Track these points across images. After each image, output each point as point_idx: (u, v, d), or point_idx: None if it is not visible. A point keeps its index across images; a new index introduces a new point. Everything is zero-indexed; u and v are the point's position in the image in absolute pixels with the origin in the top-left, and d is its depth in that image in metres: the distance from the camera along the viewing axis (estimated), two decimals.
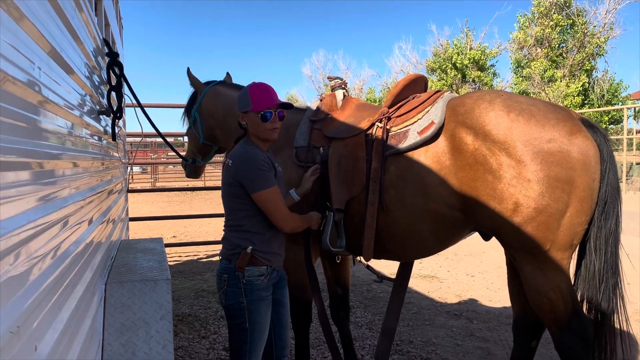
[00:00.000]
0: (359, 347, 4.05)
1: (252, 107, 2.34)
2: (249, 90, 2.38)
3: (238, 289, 2.30)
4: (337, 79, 3.27)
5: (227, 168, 2.35)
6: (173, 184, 23.66)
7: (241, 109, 2.39)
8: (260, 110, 2.32)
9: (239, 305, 2.30)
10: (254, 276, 2.31)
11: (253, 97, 2.35)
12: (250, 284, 2.30)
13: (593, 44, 25.17)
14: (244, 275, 2.29)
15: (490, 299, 5.45)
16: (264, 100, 2.34)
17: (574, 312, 2.39)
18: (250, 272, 2.30)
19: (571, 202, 2.27)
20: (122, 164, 4.89)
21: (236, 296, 2.30)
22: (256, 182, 2.26)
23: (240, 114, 2.40)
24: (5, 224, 1.15)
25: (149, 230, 10.00)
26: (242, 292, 2.29)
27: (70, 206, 1.94)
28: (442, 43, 32.92)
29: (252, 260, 2.30)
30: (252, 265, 2.31)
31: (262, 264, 2.34)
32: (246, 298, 2.29)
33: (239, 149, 2.37)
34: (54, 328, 1.51)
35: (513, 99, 2.47)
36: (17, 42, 1.31)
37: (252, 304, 2.30)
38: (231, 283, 2.31)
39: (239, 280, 2.30)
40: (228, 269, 2.33)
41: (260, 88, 2.40)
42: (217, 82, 3.57)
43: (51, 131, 1.73)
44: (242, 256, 2.29)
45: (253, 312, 2.30)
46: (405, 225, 2.61)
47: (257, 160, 2.28)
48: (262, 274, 2.33)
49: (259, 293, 2.32)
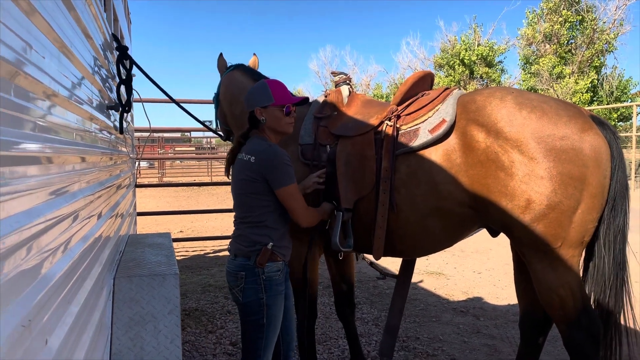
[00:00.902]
0: (365, 343, 4.06)
1: (275, 101, 2.38)
2: (269, 85, 2.42)
3: (258, 285, 2.31)
4: (342, 74, 3.24)
5: (248, 164, 2.32)
6: (180, 179, 23.76)
7: (261, 103, 2.39)
8: (284, 104, 2.39)
9: (259, 302, 2.31)
10: (273, 272, 2.34)
11: (275, 91, 2.40)
12: (270, 280, 2.32)
13: (602, 40, 24.96)
14: (264, 272, 2.31)
15: (497, 296, 5.43)
16: (285, 95, 2.42)
17: (583, 309, 2.38)
18: (269, 268, 2.32)
19: (583, 199, 2.26)
20: (130, 159, 4.91)
21: (256, 292, 2.31)
22: (283, 178, 2.29)
23: (259, 109, 2.40)
24: (16, 218, 1.15)
25: (156, 225, 10.04)
26: (262, 289, 2.31)
27: (80, 200, 1.95)
28: (450, 39, 32.75)
29: (271, 256, 2.33)
30: (270, 261, 2.33)
31: (279, 260, 2.37)
32: (266, 294, 2.31)
33: (258, 146, 2.36)
34: (63, 322, 1.52)
35: (524, 96, 2.45)
36: (28, 36, 1.31)
37: (271, 299, 2.33)
38: (250, 280, 2.31)
39: (258, 277, 2.31)
40: (246, 266, 2.32)
41: (279, 84, 2.48)
42: (235, 67, 3.58)
43: (61, 126, 1.74)
44: (263, 253, 2.30)
45: (271, 307, 2.33)
46: (415, 223, 2.60)
47: (284, 155, 2.32)
48: (279, 269, 2.37)
49: (277, 288, 2.35)
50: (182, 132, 22.72)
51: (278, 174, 2.28)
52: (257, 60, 3.79)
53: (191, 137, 35.65)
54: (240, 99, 3.28)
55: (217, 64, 3.74)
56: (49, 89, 1.55)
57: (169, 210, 8.40)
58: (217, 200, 14.82)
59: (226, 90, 3.50)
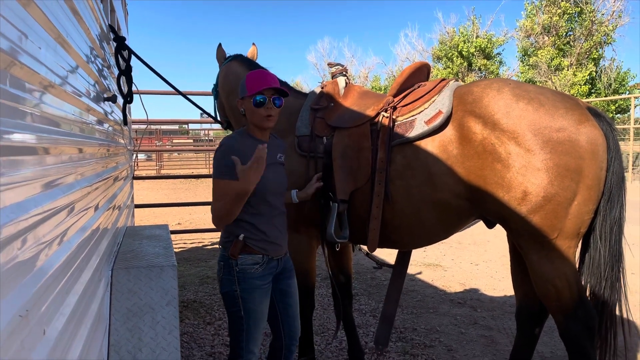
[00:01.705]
0: (362, 334, 4.08)
1: (247, 92, 2.30)
2: (247, 76, 2.35)
3: (232, 276, 2.29)
4: (338, 66, 3.24)
5: None
6: (178, 171, 23.74)
7: (240, 94, 2.36)
8: (253, 94, 2.28)
9: (233, 294, 2.30)
10: (247, 264, 2.29)
11: (249, 82, 2.31)
12: (243, 272, 2.28)
13: (601, 32, 24.92)
14: (237, 264, 2.28)
15: (494, 288, 5.46)
16: (258, 84, 2.28)
17: (580, 300, 2.40)
18: (243, 260, 2.28)
19: (579, 190, 2.27)
20: (127, 151, 4.90)
21: (230, 284, 2.30)
22: (215, 170, 2.23)
23: (239, 100, 2.37)
24: (13, 209, 1.15)
25: (154, 217, 10.04)
26: (236, 280, 2.28)
27: (77, 192, 1.95)
28: (449, 31, 32.64)
29: (245, 248, 2.29)
30: (245, 253, 2.29)
31: (257, 253, 2.31)
32: (239, 286, 2.28)
33: (227, 137, 2.35)
34: (61, 313, 1.52)
35: (521, 88, 2.45)
36: (25, 27, 1.30)
37: (245, 292, 2.29)
38: (225, 271, 2.31)
39: (232, 268, 2.29)
40: (223, 257, 2.33)
41: (256, 74, 2.35)
42: (233, 58, 3.56)
43: (57, 116, 1.73)
44: (235, 244, 2.28)
45: (247, 300, 2.29)
46: (410, 215, 2.61)
47: (225, 149, 2.23)
48: (256, 263, 2.30)
49: (253, 281, 2.30)
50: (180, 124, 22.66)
51: (215, 165, 2.24)
52: (256, 51, 3.77)
53: (189, 130, 35.58)
54: (238, 90, 3.28)
55: (216, 54, 3.73)
56: (45, 79, 1.54)
57: (167, 203, 8.41)
58: None
59: (224, 81, 3.49)
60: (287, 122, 3.00)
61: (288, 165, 2.82)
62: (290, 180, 2.80)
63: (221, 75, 3.54)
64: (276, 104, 2.32)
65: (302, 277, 2.99)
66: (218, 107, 3.73)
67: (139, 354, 2.38)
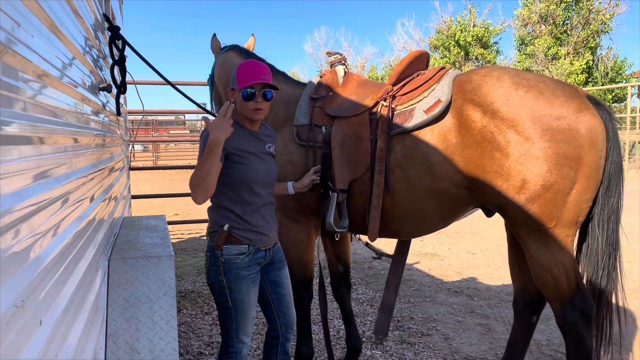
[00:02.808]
0: (360, 323, 4.09)
1: (237, 84, 2.28)
2: (237, 67, 2.32)
3: (217, 267, 2.29)
4: (337, 55, 3.22)
5: None
6: (175, 162, 23.67)
7: (231, 86, 2.35)
8: (242, 87, 2.26)
9: (219, 284, 2.30)
10: (232, 255, 2.28)
11: (239, 74, 2.28)
12: (229, 263, 2.28)
13: (598, 20, 24.88)
14: (222, 254, 2.28)
15: (490, 277, 5.48)
16: (247, 78, 2.26)
17: (577, 289, 2.40)
18: (228, 251, 2.28)
19: (578, 179, 2.26)
20: (123, 141, 4.87)
21: (216, 274, 2.31)
22: (199, 153, 2.17)
23: (230, 91, 2.36)
24: (7, 199, 1.14)
25: (151, 208, 10.02)
26: (221, 271, 2.29)
27: (73, 182, 1.94)
28: (445, 20, 32.53)
29: (230, 238, 2.28)
30: (230, 243, 2.28)
31: (242, 243, 2.30)
32: (225, 276, 2.28)
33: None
34: (58, 303, 1.51)
35: (521, 76, 2.43)
36: (18, 15, 1.28)
37: (231, 282, 2.29)
38: (211, 261, 2.32)
39: (217, 259, 2.29)
40: (209, 247, 2.33)
41: (247, 65, 2.32)
42: (230, 48, 3.54)
43: (52, 106, 1.71)
44: (219, 234, 2.27)
45: (233, 290, 2.30)
46: (410, 204, 2.60)
47: (204, 132, 2.20)
48: (242, 253, 2.30)
49: (238, 272, 2.29)
50: (176, 114, 22.56)
51: (199, 149, 2.19)
52: (253, 42, 3.74)
53: (185, 120, 35.46)
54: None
55: (210, 44, 3.70)
56: (39, 68, 1.52)
57: (164, 193, 8.38)
58: None
59: (221, 71, 3.46)
60: (286, 111, 2.98)
61: (286, 155, 2.81)
62: (288, 170, 2.79)
63: (217, 66, 3.51)
64: (267, 97, 2.30)
65: (301, 268, 2.99)
66: (214, 97, 3.70)
67: (136, 344, 2.38)
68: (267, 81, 2.28)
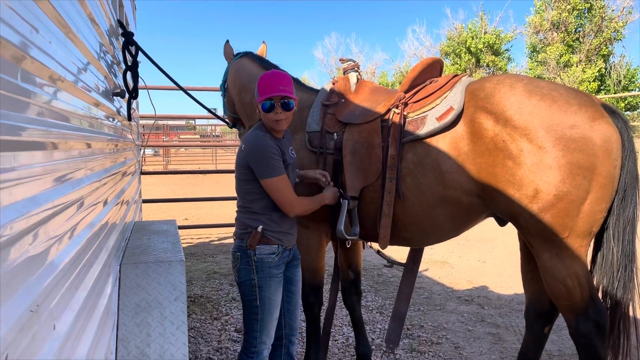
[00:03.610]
0: (369, 331, 4.07)
1: (258, 96, 2.38)
2: (259, 79, 2.41)
3: (250, 266, 2.39)
4: (350, 61, 3.22)
5: (240, 151, 2.41)
6: (185, 166, 23.78)
7: (256, 97, 2.43)
8: (262, 100, 2.35)
9: (250, 282, 2.39)
10: (265, 254, 2.39)
11: (259, 86, 2.38)
12: (261, 262, 2.38)
13: (611, 28, 24.72)
14: (255, 254, 2.38)
15: (501, 285, 5.43)
16: (266, 90, 2.35)
17: (591, 300, 2.37)
18: (260, 251, 2.38)
19: (592, 189, 2.23)
20: (135, 146, 4.91)
21: (248, 273, 2.40)
22: (265, 170, 2.31)
23: (255, 102, 2.44)
24: (23, 204, 1.15)
25: (161, 212, 10.06)
26: (254, 270, 2.39)
27: (86, 187, 1.95)
28: (457, 27, 32.50)
29: (263, 239, 2.39)
30: (263, 243, 2.39)
31: (273, 243, 2.41)
32: (257, 275, 2.38)
33: (251, 135, 2.41)
34: (71, 307, 1.52)
35: (534, 84, 2.42)
36: (36, 21, 1.30)
37: (262, 281, 2.39)
38: (243, 261, 2.41)
39: (250, 258, 2.39)
40: (240, 247, 2.42)
41: (267, 77, 2.40)
42: (243, 54, 3.57)
43: (67, 111, 1.73)
44: (253, 235, 2.37)
45: (264, 289, 2.39)
46: (421, 212, 2.59)
47: (266, 148, 2.31)
48: (273, 252, 2.41)
49: (270, 270, 2.40)
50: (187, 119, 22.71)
51: (260, 166, 2.31)
52: (265, 48, 3.76)
53: (196, 125, 35.63)
54: (250, 86, 3.27)
55: (223, 51, 3.72)
56: (55, 73, 1.53)
57: (174, 198, 8.43)
58: (221, 188, 14.81)
59: (235, 78, 3.48)
60: (298, 118, 2.99)
61: (298, 161, 2.83)
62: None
63: (231, 72, 3.53)
64: (287, 107, 2.38)
65: (311, 274, 2.99)
66: (227, 103, 3.72)
67: (147, 349, 2.39)
68: (286, 92, 2.35)
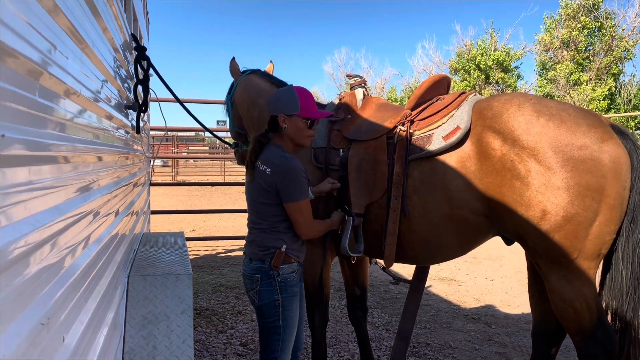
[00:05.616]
0: (375, 348, 4.04)
1: (301, 112, 2.36)
2: (298, 94, 2.40)
3: (273, 287, 2.35)
4: (357, 77, 3.24)
5: (263, 174, 2.31)
6: (193, 178, 23.89)
7: (286, 110, 2.37)
8: (309, 117, 2.37)
9: (274, 303, 2.35)
10: (287, 273, 2.37)
11: (302, 101, 2.38)
12: (285, 282, 2.36)
13: (621, 47, 24.67)
14: (279, 274, 2.35)
15: (509, 304, 5.39)
16: (311, 108, 2.39)
17: (599, 322, 2.35)
18: (284, 270, 2.36)
19: (601, 210, 2.22)
20: (145, 158, 4.95)
21: (271, 294, 2.35)
22: (295, 193, 2.30)
23: (284, 116, 2.37)
24: (38, 217, 1.17)
25: (169, 223, 10.10)
26: (277, 290, 2.35)
27: (98, 199, 1.97)
28: (466, 43, 32.60)
29: (285, 258, 2.36)
30: (285, 263, 2.36)
31: (294, 261, 2.40)
32: (281, 295, 2.35)
33: (277, 157, 2.33)
34: (80, 320, 1.53)
35: (542, 104, 2.42)
36: (51, 35, 1.33)
37: (286, 300, 2.37)
38: (265, 282, 2.35)
39: (273, 279, 2.35)
40: (261, 269, 2.36)
41: (307, 94, 2.45)
42: (252, 71, 3.60)
43: (82, 125, 1.76)
44: (277, 255, 2.34)
45: (287, 308, 2.37)
46: (427, 231, 2.59)
47: (299, 170, 2.32)
48: (293, 271, 2.40)
49: (292, 289, 2.39)
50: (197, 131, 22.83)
51: (291, 189, 2.29)
52: (272, 68, 3.80)
53: (205, 137, 35.82)
54: (259, 102, 3.28)
55: (229, 67, 3.74)
56: (72, 88, 1.57)
57: (182, 210, 8.45)
58: (229, 200, 14.87)
59: (244, 93, 3.50)
60: None
61: None
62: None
63: (240, 87, 3.55)
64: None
65: (316, 290, 2.98)
66: (233, 118, 3.71)
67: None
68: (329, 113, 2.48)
